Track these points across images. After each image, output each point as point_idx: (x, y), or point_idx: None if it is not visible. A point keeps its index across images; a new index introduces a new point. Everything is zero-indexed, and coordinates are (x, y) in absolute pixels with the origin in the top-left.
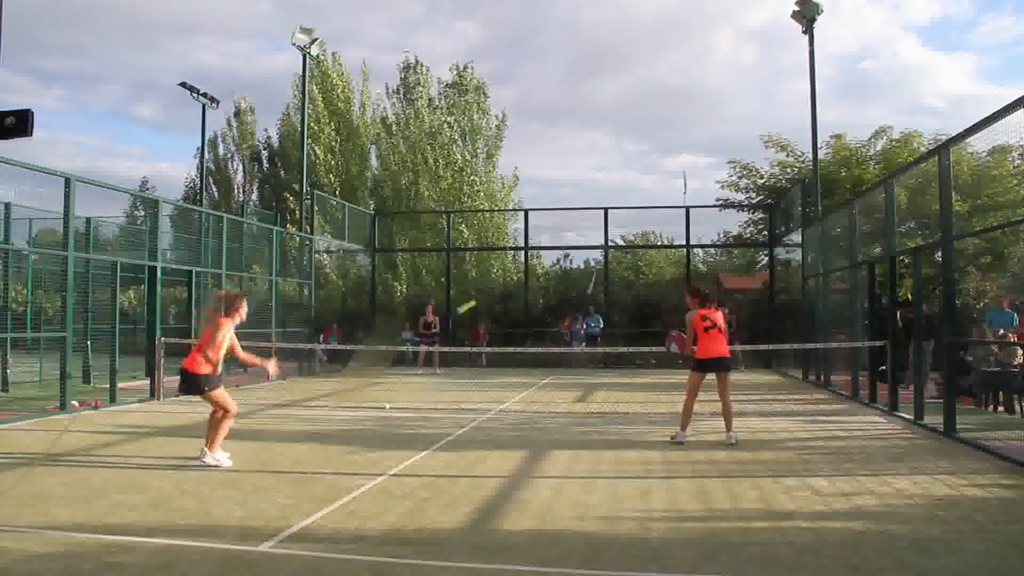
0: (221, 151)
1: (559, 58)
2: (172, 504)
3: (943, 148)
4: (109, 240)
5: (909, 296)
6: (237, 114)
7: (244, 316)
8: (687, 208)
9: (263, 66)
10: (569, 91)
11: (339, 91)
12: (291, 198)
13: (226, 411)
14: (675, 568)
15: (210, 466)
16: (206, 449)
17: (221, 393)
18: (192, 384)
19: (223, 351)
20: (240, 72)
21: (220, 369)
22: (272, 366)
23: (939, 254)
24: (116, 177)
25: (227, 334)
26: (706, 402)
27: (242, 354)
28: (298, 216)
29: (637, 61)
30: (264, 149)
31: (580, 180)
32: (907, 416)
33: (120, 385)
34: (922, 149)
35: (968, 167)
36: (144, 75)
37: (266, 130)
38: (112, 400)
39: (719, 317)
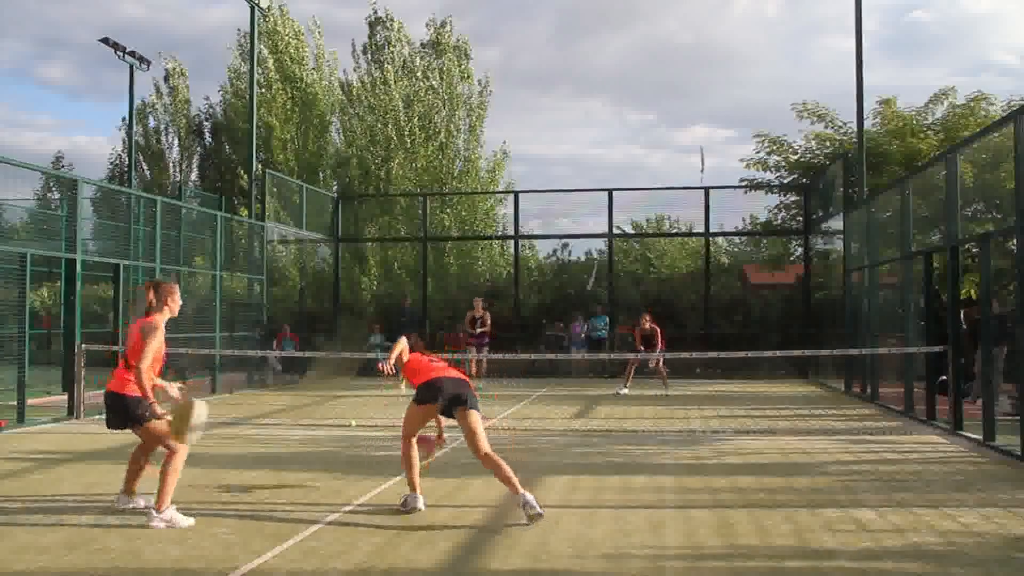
0: (152, 122)
1: (549, 12)
2: (93, 544)
3: (1020, 113)
4: (16, 227)
5: (973, 293)
6: (168, 78)
7: (176, 311)
8: (706, 189)
9: (197, 20)
10: (561, 52)
11: (292, 50)
12: (242, 174)
13: (169, 450)
14: None
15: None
16: (154, 509)
17: (161, 425)
18: (122, 412)
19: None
20: (169, 28)
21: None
22: (174, 390)
23: (1014, 242)
24: (22, 152)
25: (162, 337)
26: (727, 418)
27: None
28: (247, 200)
29: (640, 15)
30: (206, 120)
31: (576, 157)
32: (974, 436)
33: (30, 402)
34: (995, 117)
35: None
36: (52, 28)
37: (208, 98)
38: (20, 420)
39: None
